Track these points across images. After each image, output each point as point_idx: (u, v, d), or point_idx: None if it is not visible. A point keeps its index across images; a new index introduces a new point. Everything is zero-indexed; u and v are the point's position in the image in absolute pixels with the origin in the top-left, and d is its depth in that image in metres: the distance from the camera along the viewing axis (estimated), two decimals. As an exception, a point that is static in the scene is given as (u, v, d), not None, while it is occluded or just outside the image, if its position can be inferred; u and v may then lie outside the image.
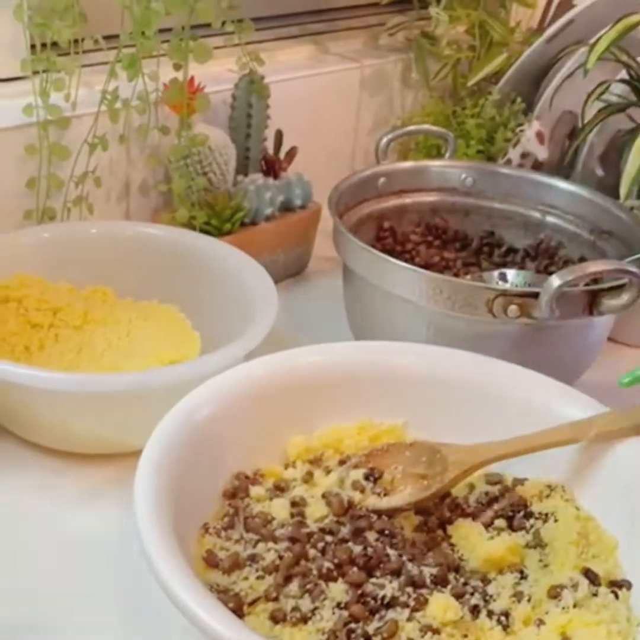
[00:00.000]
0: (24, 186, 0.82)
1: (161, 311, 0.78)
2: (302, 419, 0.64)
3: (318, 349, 0.68)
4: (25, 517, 0.63)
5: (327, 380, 0.65)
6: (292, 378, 0.65)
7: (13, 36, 0.81)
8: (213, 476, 0.60)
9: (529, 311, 0.66)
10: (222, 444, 0.60)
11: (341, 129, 1.09)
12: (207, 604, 0.45)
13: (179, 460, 0.56)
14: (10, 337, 0.73)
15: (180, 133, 0.84)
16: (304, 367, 0.66)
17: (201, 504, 0.58)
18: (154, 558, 0.48)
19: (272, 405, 0.63)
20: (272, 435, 0.63)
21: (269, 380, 0.64)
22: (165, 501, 0.52)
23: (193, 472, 0.56)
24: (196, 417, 0.59)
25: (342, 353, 0.67)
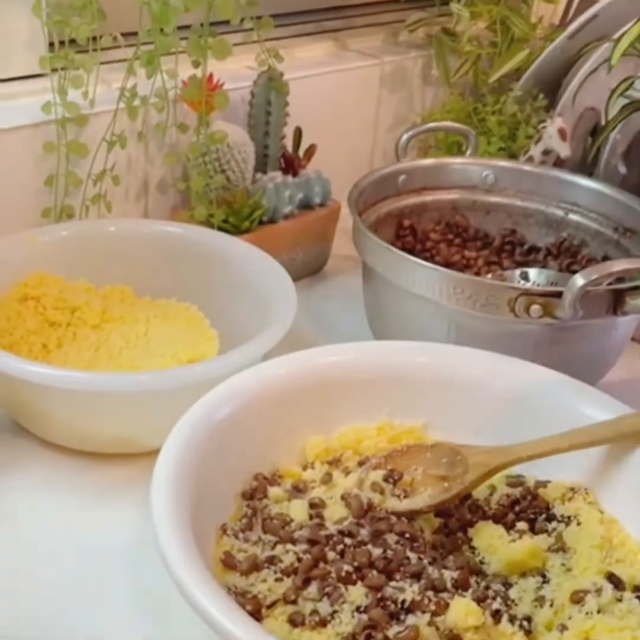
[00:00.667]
0: (42, 184, 0.82)
1: (179, 310, 0.78)
2: (321, 420, 0.64)
3: (337, 348, 0.67)
4: (42, 516, 0.62)
5: (347, 381, 0.65)
6: (311, 378, 0.64)
7: (31, 33, 0.81)
8: (231, 477, 0.59)
9: (551, 311, 0.65)
10: (240, 444, 0.60)
11: (360, 126, 1.08)
12: (225, 607, 0.45)
13: (196, 461, 0.55)
14: (28, 336, 0.73)
15: (199, 130, 0.83)
16: (324, 366, 0.65)
17: (219, 504, 0.57)
18: (171, 560, 0.47)
19: (290, 405, 0.62)
20: (291, 436, 0.63)
21: (288, 380, 0.63)
22: (183, 502, 0.52)
23: (211, 473, 0.56)
24: (214, 417, 0.59)
25: (362, 353, 0.67)
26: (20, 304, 0.74)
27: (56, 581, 0.58)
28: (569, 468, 0.60)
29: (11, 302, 0.74)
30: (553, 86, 1.01)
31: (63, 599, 0.57)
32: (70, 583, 0.58)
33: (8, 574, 0.58)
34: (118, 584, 0.58)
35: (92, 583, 0.58)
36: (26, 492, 0.64)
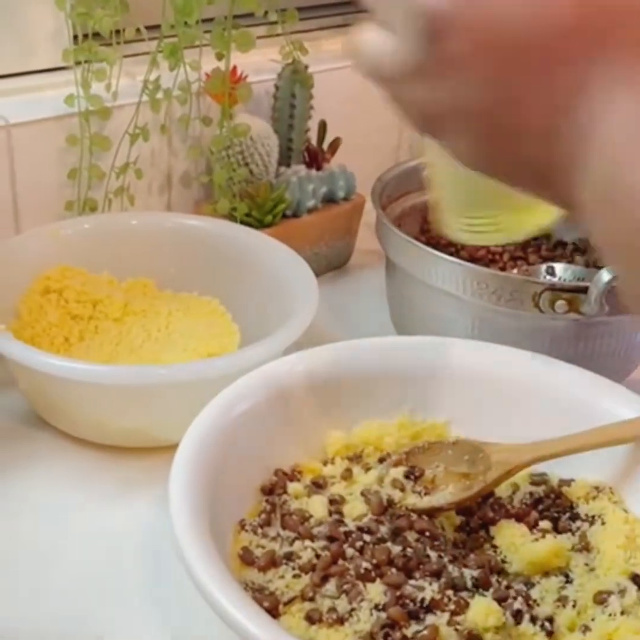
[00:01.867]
0: (65, 177, 0.82)
1: (201, 304, 0.78)
2: (341, 415, 0.63)
3: (359, 343, 0.66)
4: (61, 509, 0.62)
5: (368, 376, 0.64)
6: (332, 373, 0.64)
7: (55, 26, 0.81)
8: (250, 472, 0.59)
9: (577, 306, 0.64)
10: (260, 438, 0.59)
11: (386, 120, 1.06)
12: (242, 603, 0.44)
13: (215, 455, 0.55)
14: (50, 329, 0.73)
15: (222, 123, 0.83)
16: (345, 361, 0.65)
17: (238, 499, 0.57)
18: (187, 556, 0.47)
19: (311, 400, 0.62)
20: (311, 431, 0.62)
21: (309, 375, 0.63)
22: (201, 496, 0.51)
23: (229, 468, 0.56)
24: (234, 411, 0.58)
25: (384, 348, 0.66)
26: (43, 297, 0.74)
27: (75, 573, 0.58)
28: (593, 466, 0.59)
29: (33, 295, 0.74)
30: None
31: (82, 591, 0.56)
32: (89, 575, 0.57)
33: (30, 565, 0.58)
34: (134, 577, 0.58)
35: (108, 577, 0.58)
36: (47, 485, 0.64)
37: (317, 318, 0.69)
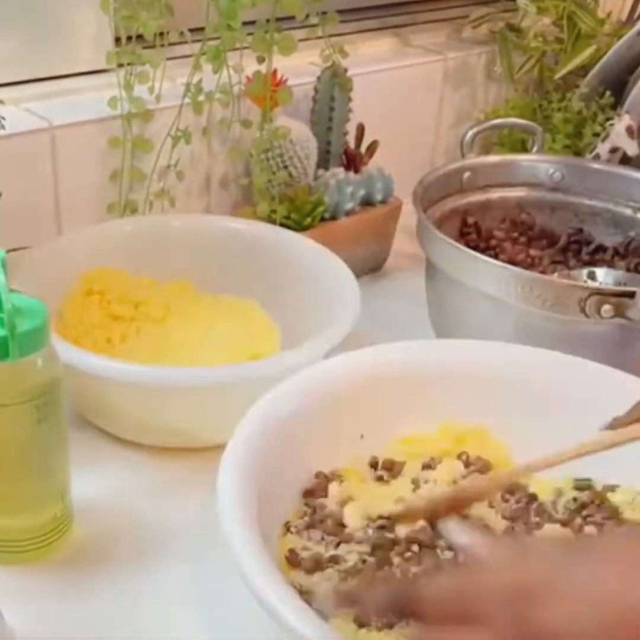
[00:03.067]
0: (107, 179, 0.82)
1: (242, 306, 0.78)
2: (383, 418, 0.63)
3: (400, 346, 0.66)
4: (104, 509, 0.63)
5: (410, 379, 0.64)
6: (373, 376, 0.63)
7: (98, 29, 0.82)
8: (293, 474, 0.59)
9: (623, 311, 0.64)
10: (303, 442, 0.59)
11: (423, 123, 1.07)
12: (295, 606, 0.44)
13: (261, 458, 0.55)
14: (92, 330, 0.73)
15: (262, 126, 0.83)
16: (386, 365, 0.64)
17: (282, 502, 0.57)
18: (239, 555, 0.47)
19: (352, 403, 0.62)
20: (352, 435, 0.62)
21: (350, 379, 0.63)
22: (249, 499, 0.51)
23: (274, 470, 0.55)
24: (278, 414, 0.58)
25: (425, 351, 0.66)
26: (85, 298, 0.75)
27: (114, 576, 0.58)
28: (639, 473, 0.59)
29: (76, 296, 0.74)
30: (620, 83, 0.99)
31: (122, 593, 0.57)
32: (129, 577, 0.58)
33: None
34: (178, 578, 0.58)
35: (151, 578, 0.58)
36: (88, 484, 0.64)
37: (354, 321, 0.69)
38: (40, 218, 0.81)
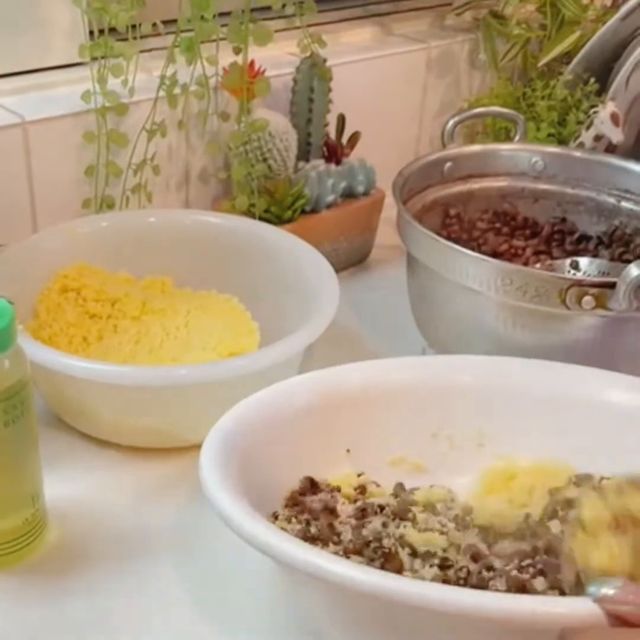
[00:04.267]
0: (82, 174, 0.81)
1: (220, 302, 0.77)
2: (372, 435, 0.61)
3: (390, 362, 0.63)
4: (79, 512, 0.62)
5: (399, 393, 0.61)
6: (365, 392, 0.61)
7: (71, 22, 0.80)
8: (278, 479, 0.57)
9: (605, 302, 0.63)
10: (290, 446, 0.58)
11: (406, 113, 1.06)
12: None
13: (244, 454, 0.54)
14: (68, 328, 0.72)
15: (240, 119, 0.82)
16: (377, 379, 0.62)
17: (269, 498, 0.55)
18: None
19: (341, 416, 0.60)
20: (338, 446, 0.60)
21: (344, 391, 0.60)
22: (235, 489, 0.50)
23: (259, 470, 0.54)
24: (262, 415, 0.57)
25: (416, 365, 0.64)
26: (61, 296, 0.73)
27: (95, 576, 0.57)
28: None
29: (51, 294, 0.73)
30: (605, 70, 0.98)
31: (103, 593, 0.56)
32: (109, 578, 0.57)
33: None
34: (159, 578, 0.57)
35: (133, 578, 0.57)
36: (66, 486, 0.63)
37: (337, 315, 0.68)
38: (14, 215, 0.80)
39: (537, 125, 0.97)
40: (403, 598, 0.43)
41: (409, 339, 0.77)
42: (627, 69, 0.93)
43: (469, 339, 0.71)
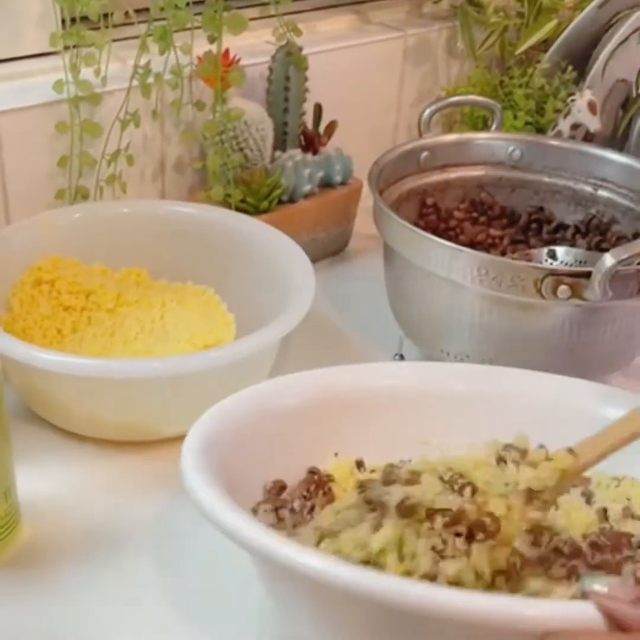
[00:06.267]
0: (55, 165, 0.80)
1: (196, 293, 0.76)
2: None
3: (368, 366, 0.62)
4: (57, 506, 0.61)
5: (371, 399, 0.60)
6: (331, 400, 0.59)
7: (42, 10, 0.79)
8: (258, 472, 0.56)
9: (580, 292, 0.63)
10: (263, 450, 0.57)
11: (383, 102, 1.05)
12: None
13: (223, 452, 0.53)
14: (42, 321, 0.71)
15: (215, 108, 0.81)
16: (342, 386, 0.60)
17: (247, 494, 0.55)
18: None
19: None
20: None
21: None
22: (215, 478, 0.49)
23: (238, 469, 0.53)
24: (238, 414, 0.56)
25: (388, 371, 0.63)
26: (34, 289, 0.73)
27: (70, 571, 0.56)
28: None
29: (25, 287, 0.72)
30: (582, 58, 0.98)
31: (78, 588, 0.55)
32: (85, 572, 0.56)
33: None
34: (136, 570, 0.57)
35: (109, 572, 0.57)
36: (43, 481, 0.63)
37: (315, 306, 0.68)
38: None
39: (515, 114, 0.97)
40: (379, 593, 0.42)
41: (386, 329, 0.77)
42: (605, 57, 0.93)
43: (446, 329, 0.70)
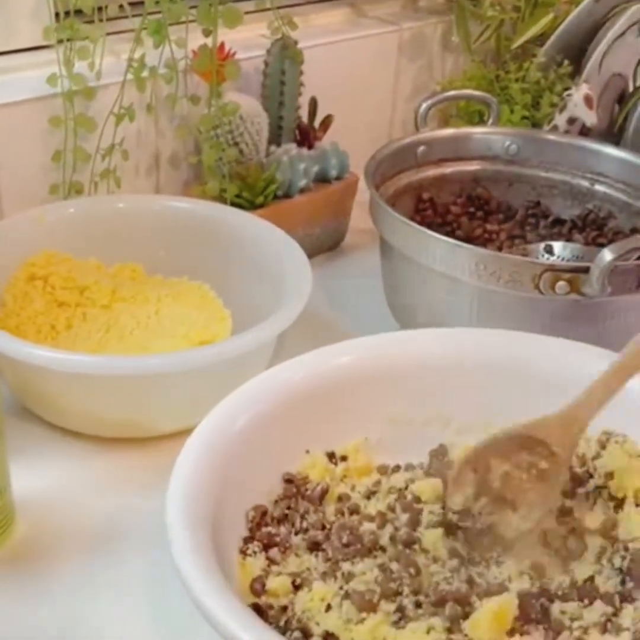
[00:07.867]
0: (49, 160, 0.80)
1: (191, 289, 0.76)
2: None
3: (357, 342, 0.62)
4: (51, 503, 0.61)
5: (365, 377, 0.60)
6: (330, 380, 0.59)
7: (36, 3, 0.78)
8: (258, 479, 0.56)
9: (578, 287, 0.62)
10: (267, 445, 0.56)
11: (379, 96, 1.05)
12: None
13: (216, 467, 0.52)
14: (36, 317, 0.71)
15: (210, 102, 0.80)
16: (337, 367, 0.60)
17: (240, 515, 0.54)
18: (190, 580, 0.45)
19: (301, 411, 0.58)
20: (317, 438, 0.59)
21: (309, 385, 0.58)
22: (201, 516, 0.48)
23: (231, 484, 0.53)
24: (237, 421, 0.55)
25: (384, 344, 0.62)
26: (28, 284, 0.72)
27: (63, 569, 0.56)
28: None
29: (18, 282, 0.72)
30: (578, 52, 0.98)
31: (70, 592, 0.55)
32: (79, 570, 0.56)
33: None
34: (127, 569, 0.56)
35: (102, 569, 0.56)
36: (37, 478, 0.62)
37: (311, 301, 0.67)
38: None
39: (511, 108, 0.97)
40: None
41: (383, 324, 0.77)
42: (601, 51, 0.93)
43: (443, 324, 0.70)
